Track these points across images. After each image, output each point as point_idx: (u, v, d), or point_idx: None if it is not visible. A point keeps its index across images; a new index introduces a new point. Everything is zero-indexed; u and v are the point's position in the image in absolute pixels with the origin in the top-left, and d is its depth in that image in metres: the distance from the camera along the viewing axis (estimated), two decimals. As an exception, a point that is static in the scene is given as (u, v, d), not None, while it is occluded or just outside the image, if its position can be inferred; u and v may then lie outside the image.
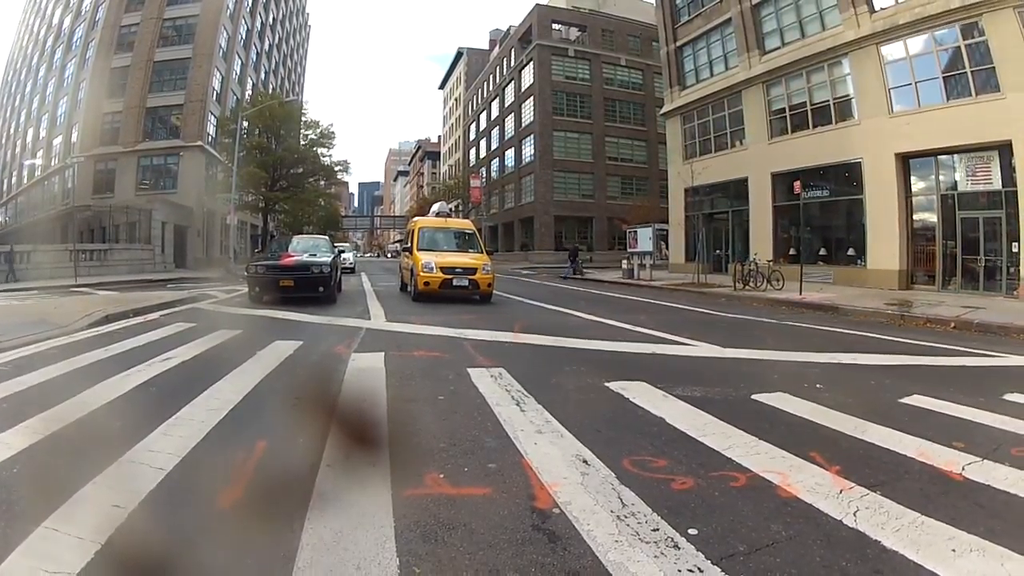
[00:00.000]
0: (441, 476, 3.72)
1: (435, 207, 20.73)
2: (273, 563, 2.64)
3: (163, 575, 2.64)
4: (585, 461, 3.97)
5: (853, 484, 3.66)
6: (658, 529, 3.04)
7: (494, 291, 16.78)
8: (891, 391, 6.29)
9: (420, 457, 4.05)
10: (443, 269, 15.46)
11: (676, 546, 2.87)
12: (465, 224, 20.19)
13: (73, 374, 6.45)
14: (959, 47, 19.08)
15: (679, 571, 2.64)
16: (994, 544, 2.91)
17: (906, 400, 5.88)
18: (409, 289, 16.83)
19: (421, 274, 15.43)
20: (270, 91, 55.29)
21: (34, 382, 5.97)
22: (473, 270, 15.80)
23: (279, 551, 2.73)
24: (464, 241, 17.96)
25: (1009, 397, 6.07)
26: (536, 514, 3.22)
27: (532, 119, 59.75)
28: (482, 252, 17.44)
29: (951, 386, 6.56)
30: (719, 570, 2.66)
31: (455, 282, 15.46)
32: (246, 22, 51.56)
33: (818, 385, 6.51)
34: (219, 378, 6.17)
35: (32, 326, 9.61)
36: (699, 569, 2.66)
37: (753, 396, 5.92)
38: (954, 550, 2.87)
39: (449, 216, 20.52)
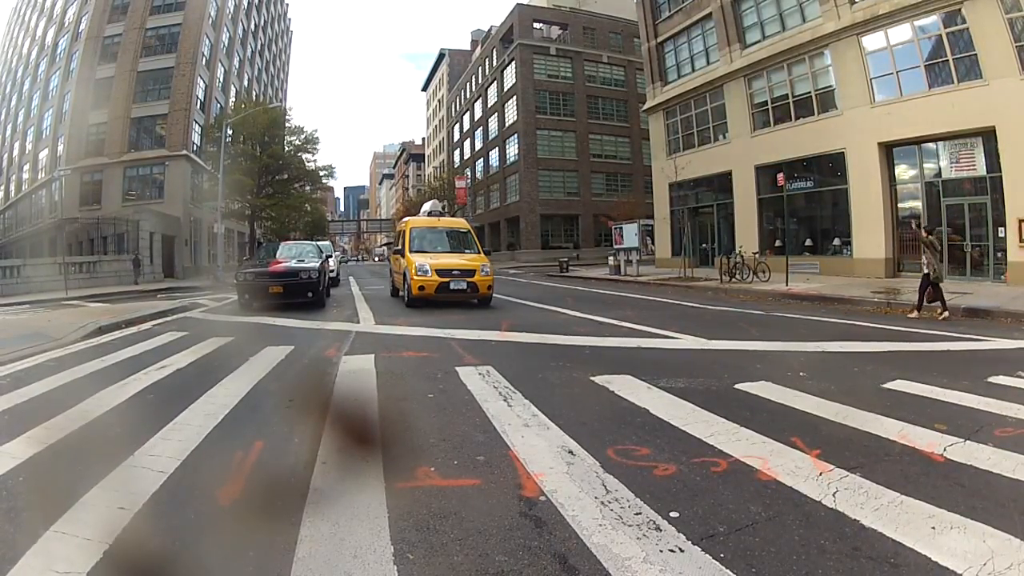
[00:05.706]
0: (432, 469, 3.82)
1: (427, 206, 19.38)
2: (274, 555, 2.74)
3: (168, 572, 2.73)
4: (570, 452, 4.08)
5: (833, 467, 3.75)
6: (640, 513, 3.15)
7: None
8: (874, 377, 6.37)
9: (411, 452, 4.15)
10: (439, 272, 14.35)
11: (658, 528, 2.98)
12: (460, 223, 18.63)
13: (72, 384, 6.51)
14: (941, 35, 19.17)
15: (660, 551, 2.75)
16: (975, 522, 2.97)
17: (889, 385, 5.97)
18: (401, 294, 15.68)
19: (415, 278, 14.33)
20: (254, 97, 54.94)
21: (35, 393, 6.04)
22: (471, 272, 14.65)
23: (279, 544, 2.83)
24: (459, 241, 16.70)
25: (994, 380, 6.13)
26: (523, 502, 3.33)
27: (515, 118, 59.43)
28: (479, 252, 16.24)
29: (935, 371, 6.64)
30: (699, 549, 2.76)
31: (452, 285, 14.33)
32: (228, 29, 51.23)
33: (801, 373, 6.60)
34: (214, 384, 6.26)
35: (28, 339, 9.66)
36: (680, 549, 2.77)
37: (736, 385, 6.02)
38: (934, 527, 2.94)
39: (442, 215, 19.29)
